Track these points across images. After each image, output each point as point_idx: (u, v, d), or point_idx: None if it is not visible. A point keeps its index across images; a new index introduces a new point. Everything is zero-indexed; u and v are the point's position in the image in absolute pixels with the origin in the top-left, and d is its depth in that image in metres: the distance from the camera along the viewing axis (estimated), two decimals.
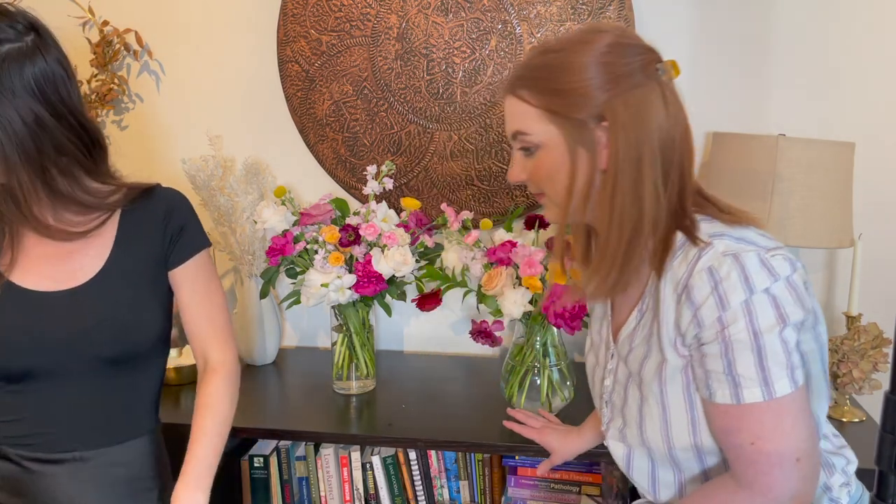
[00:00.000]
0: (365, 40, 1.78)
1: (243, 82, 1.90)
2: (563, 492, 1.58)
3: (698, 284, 0.86)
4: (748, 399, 0.86)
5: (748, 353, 0.85)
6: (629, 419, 1.02)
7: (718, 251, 0.86)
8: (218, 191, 1.79)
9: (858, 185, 1.56)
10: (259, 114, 1.91)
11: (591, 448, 1.34)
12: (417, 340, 1.96)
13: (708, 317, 0.86)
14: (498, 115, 1.74)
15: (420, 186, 1.83)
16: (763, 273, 0.84)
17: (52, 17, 2.04)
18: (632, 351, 1.00)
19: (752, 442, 0.87)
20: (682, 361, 0.92)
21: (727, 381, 0.87)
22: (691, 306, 0.87)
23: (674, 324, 0.91)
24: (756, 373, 0.85)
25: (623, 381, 1.02)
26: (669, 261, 0.91)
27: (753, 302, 0.84)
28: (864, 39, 1.62)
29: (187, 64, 1.92)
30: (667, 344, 0.92)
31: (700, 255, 0.87)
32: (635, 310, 0.99)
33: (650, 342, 0.96)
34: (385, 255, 1.53)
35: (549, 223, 0.99)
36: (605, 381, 1.07)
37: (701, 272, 0.86)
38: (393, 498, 1.63)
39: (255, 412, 1.59)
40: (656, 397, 0.95)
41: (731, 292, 0.84)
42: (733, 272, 0.84)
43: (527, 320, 1.46)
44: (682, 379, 0.93)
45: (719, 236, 0.88)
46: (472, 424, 1.49)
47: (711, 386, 0.89)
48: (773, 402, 0.85)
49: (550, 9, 1.67)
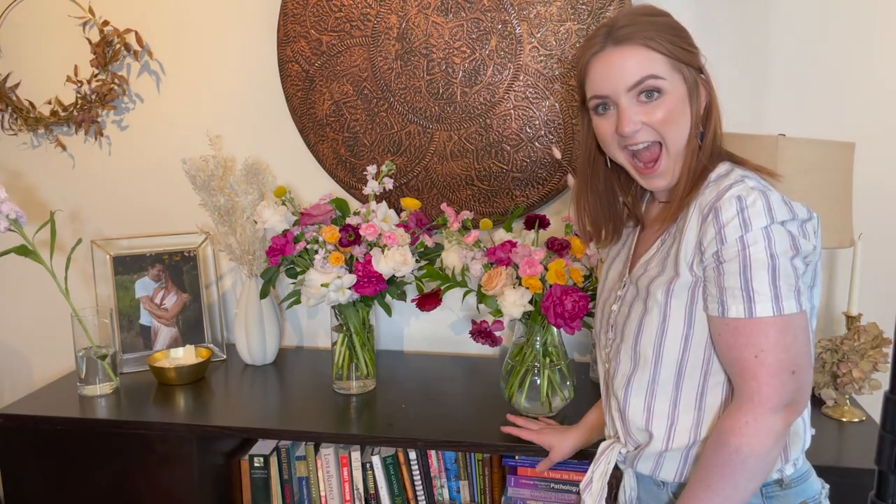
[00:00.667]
0: (365, 40, 1.78)
1: (243, 82, 1.90)
2: (563, 492, 1.58)
3: (726, 206, 0.96)
4: (760, 313, 0.95)
5: (764, 272, 0.94)
6: (627, 334, 1.10)
7: (749, 185, 0.97)
8: (218, 191, 1.79)
9: (858, 185, 1.56)
10: (259, 114, 1.91)
11: (589, 445, 1.34)
12: (417, 340, 1.96)
13: (731, 235, 0.95)
14: (498, 115, 1.74)
15: (420, 186, 1.83)
16: (784, 209, 0.96)
17: (52, 17, 2.05)
18: (645, 272, 1.08)
19: (756, 355, 0.96)
20: (692, 280, 1.01)
21: (742, 296, 0.95)
22: (716, 224, 0.97)
23: (695, 242, 1.00)
24: (769, 289, 0.94)
25: (629, 301, 1.11)
26: (702, 189, 1.02)
27: (773, 229, 0.95)
28: (864, 39, 1.62)
29: (187, 64, 1.92)
30: (683, 262, 1.01)
31: (731, 185, 0.98)
32: (658, 240, 1.09)
33: (665, 263, 1.05)
34: (385, 255, 1.53)
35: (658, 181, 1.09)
36: (614, 305, 1.15)
37: (731, 197, 0.96)
38: (393, 498, 1.63)
39: (255, 412, 1.59)
40: (660, 307, 1.04)
41: (754, 217, 0.95)
42: (759, 202, 0.95)
43: (527, 320, 1.46)
44: (688, 296, 1.02)
45: (750, 177, 1.00)
46: (472, 424, 1.49)
47: (726, 302, 0.97)
48: (780, 319, 0.95)
49: (550, 9, 1.67)
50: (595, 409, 1.34)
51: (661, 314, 1.04)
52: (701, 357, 1.03)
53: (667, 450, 1.07)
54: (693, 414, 1.05)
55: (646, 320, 1.06)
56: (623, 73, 1.03)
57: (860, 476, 1.28)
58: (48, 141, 2.01)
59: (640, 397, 1.09)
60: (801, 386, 0.97)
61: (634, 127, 1.03)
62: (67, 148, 2.01)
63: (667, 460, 1.08)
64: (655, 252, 1.09)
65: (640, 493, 1.15)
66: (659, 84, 1.02)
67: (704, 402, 1.04)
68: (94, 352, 1.66)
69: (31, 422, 1.56)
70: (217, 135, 1.90)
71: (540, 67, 1.70)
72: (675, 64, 1.02)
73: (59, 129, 2.00)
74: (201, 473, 1.54)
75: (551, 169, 1.75)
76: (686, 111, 1.04)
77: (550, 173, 1.75)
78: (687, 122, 1.04)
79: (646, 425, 1.08)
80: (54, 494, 1.58)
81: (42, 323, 2.11)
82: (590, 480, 1.19)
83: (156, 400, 1.64)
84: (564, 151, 1.73)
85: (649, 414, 1.08)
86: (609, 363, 1.16)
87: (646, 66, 1.02)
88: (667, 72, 1.02)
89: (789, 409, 0.96)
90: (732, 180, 0.99)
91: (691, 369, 1.04)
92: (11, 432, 1.57)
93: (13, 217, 1.61)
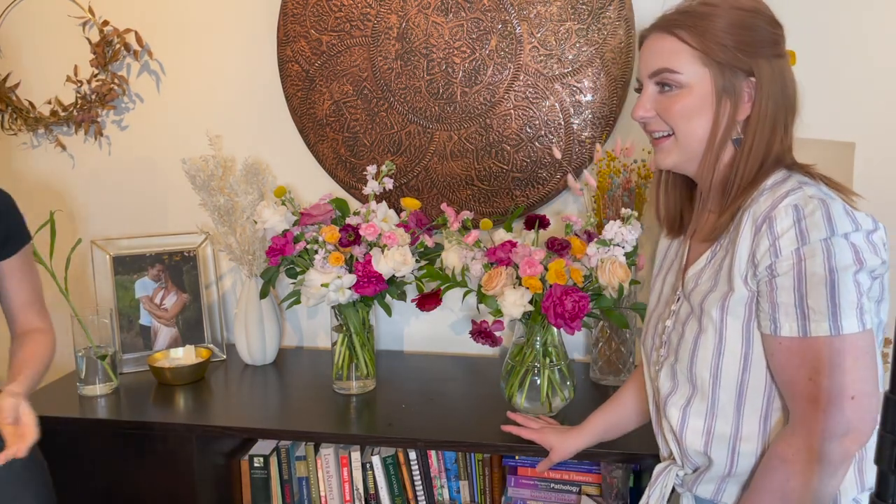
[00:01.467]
0: (365, 40, 1.78)
1: (243, 82, 1.90)
2: (563, 492, 1.58)
3: (781, 216, 0.90)
4: (815, 332, 0.88)
5: (821, 288, 0.87)
6: (682, 355, 1.04)
7: (807, 194, 0.91)
8: (218, 191, 1.79)
9: (858, 185, 1.56)
10: (259, 114, 1.91)
11: (589, 447, 1.33)
12: (417, 340, 1.96)
13: (786, 247, 0.89)
14: (498, 115, 1.74)
15: (420, 186, 1.83)
16: (846, 220, 0.89)
17: (52, 17, 2.04)
18: (697, 287, 1.03)
19: (811, 377, 0.89)
20: (748, 294, 0.95)
21: (796, 313, 0.89)
22: (770, 235, 0.91)
23: (748, 255, 0.94)
24: (826, 307, 0.87)
25: (683, 318, 1.05)
26: (756, 197, 0.96)
27: (833, 242, 0.88)
28: (864, 39, 1.62)
29: (187, 64, 1.92)
30: (737, 275, 0.95)
31: (787, 193, 0.92)
32: (709, 250, 1.03)
33: (718, 276, 0.99)
34: (385, 255, 1.53)
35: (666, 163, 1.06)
36: (667, 321, 1.10)
37: (787, 206, 0.90)
38: (393, 498, 1.63)
39: (255, 412, 1.59)
40: (715, 325, 0.98)
41: (812, 228, 0.88)
42: (818, 212, 0.89)
43: (527, 320, 1.45)
44: (745, 312, 0.96)
45: (809, 184, 0.94)
46: (472, 424, 1.49)
47: (778, 319, 0.91)
48: (838, 339, 0.87)
49: (550, 9, 1.67)
50: (600, 414, 1.32)
51: (717, 334, 0.98)
52: (763, 378, 0.97)
53: (730, 475, 1.02)
54: (756, 438, 0.99)
55: (701, 340, 1.00)
56: (649, 60, 1.02)
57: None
58: (48, 141, 2.01)
59: (698, 421, 1.02)
60: (862, 414, 0.88)
61: (643, 113, 1.03)
62: (67, 148, 2.01)
63: (729, 485, 1.03)
64: (706, 264, 1.03)
65: None
66: (674, 78, 0.99)
67: (769, 425, 0.98)
68: (94, 352, 1.66)
69: None
70: (217, 135, 1.89)
71: (540, 67, 1.70)
72: (706, 60, 0.97)
73: (59, 129, 2.00)
74: (201, 473, 1.54)
75: (551, 169, 1.75)
76: (706, 110, 0.99)
77: (550, 173, 1.75)
78: (706, 121, 0.99)
79: (705, 449, 1.03)
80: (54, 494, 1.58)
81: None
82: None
83: (156, 400, 1.64)
84: (564, 151, 1.73)
85: (709, 437, 1.02)
86: (659, 381, 1.10)
87: (666, 57, 1.00)
88: (689, 66, 0.98)
89: (849, 439, 0.88)
90: (789, 187, 0.93)
91: (753, 392, 0.98)
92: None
93: None
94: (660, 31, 1.01)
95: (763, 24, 0.99)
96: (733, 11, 0.98)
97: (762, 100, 0.98)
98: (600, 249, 1.40)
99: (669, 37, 1.00)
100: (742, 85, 0.98)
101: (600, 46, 1.67)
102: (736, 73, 0.97)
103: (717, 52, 0.97)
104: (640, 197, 1.62)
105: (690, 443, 1.04)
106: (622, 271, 1.38)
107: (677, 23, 1.00)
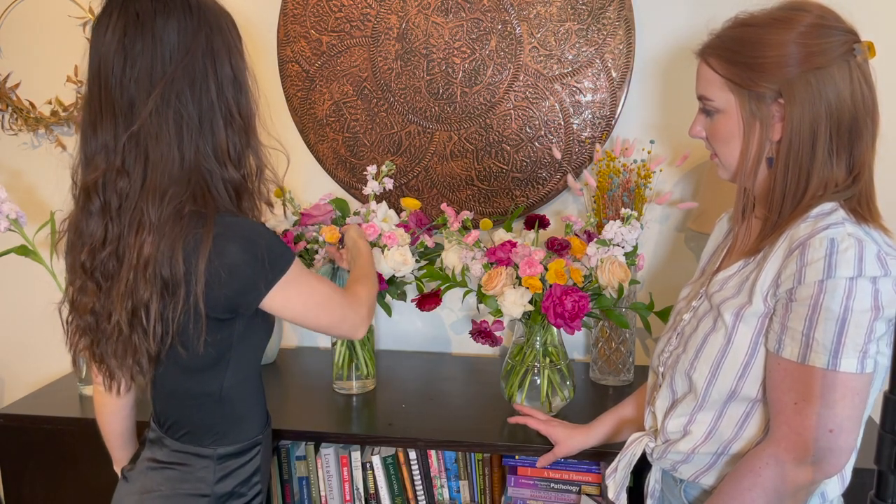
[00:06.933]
0: (365, 40, 1.78)
1: None
2: (563, 492, 1.58)
3: (815, 246, 0.91)
4: (811, 362, 0.90)
5: (831, 324, 0.89)
6: (690, 347, 1.06)
7: (847, 231, 0.91)
8: None
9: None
10: (259, 113, 1.90)
11: (596, 446, 1.34)
12: (417, 340, 1.96)
13: (811, 276, 0.90)
14: (498, 115, 1.74)
15: (420, 186, 1.83)
16: (876, 264, 0.90)
17: (52, 17, 2.04)
18: (720, 290, 1.05)
19: (796, 402, 0.92)
20: (764, 310, 0.97)
21: (801, 339, 0.91)
22: (800, 261, 0.92)
23: (775, 275, 0.96)
24: (830, 342, 0.89)
25: (701, 315, 1.07)
26: (798, 223, 0.96)
27: (857, 283, 0.89)
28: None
29: None
30: (758, 291, 0.97)
31: (828, 226, 0.92)
32: (742, 259, 1.05)
33: (742, 287, 1.01)
34: (385, 255, 1.53)
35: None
36: (686, 314, 1.12)
37: (822, 238, 0.91)
38: (393, 498, 1.63)
39: None
40: (727, 328, 1.00)
41: (842, 265, 0.89)
42: (851, 250, 0.89)
43: (527, 320, 1.46)
44: (757, 325, 0.98)
45: (852, 223, 0.94)
46: (472, 424, 1.49)
47: (783, 340, 0.94)
48: (831, 374, 0.90)
49: (550, 9, 1.67)
50: (610, 415, 1.33)
51: (727, 336, 1.00)
52: (754, 391, 1.00)
53: (693, 452, 1.06)
54: (732, 430, 1.02)
55: (710, 338, 1.03)
56: (696, 85, 1.06)
57: (860, 476, 1.27)
58: (48, 141, 2.01)
59: (680, 419, 1.07)
60: (836, 447, 0.90)
61: (695, 134, 1.08)
62: (67, 148, 2.01)
63: (688, 461, 1.07)
64: (736, 272, 1.05)
65: (663, 487, 1.15)
66: (711, 105, 1.03)
67: (748, 423, 1.02)
68: None
69: (30, 422, 1.56)
70: None
71: (540, 67, 1.70)
72: (732, 86, 1.00)
73: (59, 129, 2.00)
74: None
75: (551, 169, 1.75)
76: (737, 134, 1.01)
77: (550, 173, 1.75)
78: (737, 145, 1.01)
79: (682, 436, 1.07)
80: (54, 494, 1.58)
81: (42, 323, 2.10)
82: (615, 468, 1.20)
83: None
84: (564, 151, 1.73)
85: (689, 426, 1.06)
86: (661, 370, 1.14)
87: (704, 85, 1.04)
88: (720, 93, 1.01)
89: (816, 468, 0.91)
90: (831, 221, 0.93)
91: (740, 400, 1.01)
92: (11, 432, 1.57)
93: (13, 217, 1.61)
94: (700, 56, 1.05)
95: (794, 39, 0.95)
96: (774, 32, 0.96)
97: (793, 120, 0.96)
98: (600, 249, 1.40)
99: (703, 64, 1.04)
100: (771, 107, 0.98)
101: (600, 47, 1.67)
102: (762, 97, 0.97)
103: (741, 77, 0.98)
104: (639, 197, 1.62)
105: (671, 432, 1.09)
106: (622, 271, 1.38)
107: (709, 49, 1.03)
